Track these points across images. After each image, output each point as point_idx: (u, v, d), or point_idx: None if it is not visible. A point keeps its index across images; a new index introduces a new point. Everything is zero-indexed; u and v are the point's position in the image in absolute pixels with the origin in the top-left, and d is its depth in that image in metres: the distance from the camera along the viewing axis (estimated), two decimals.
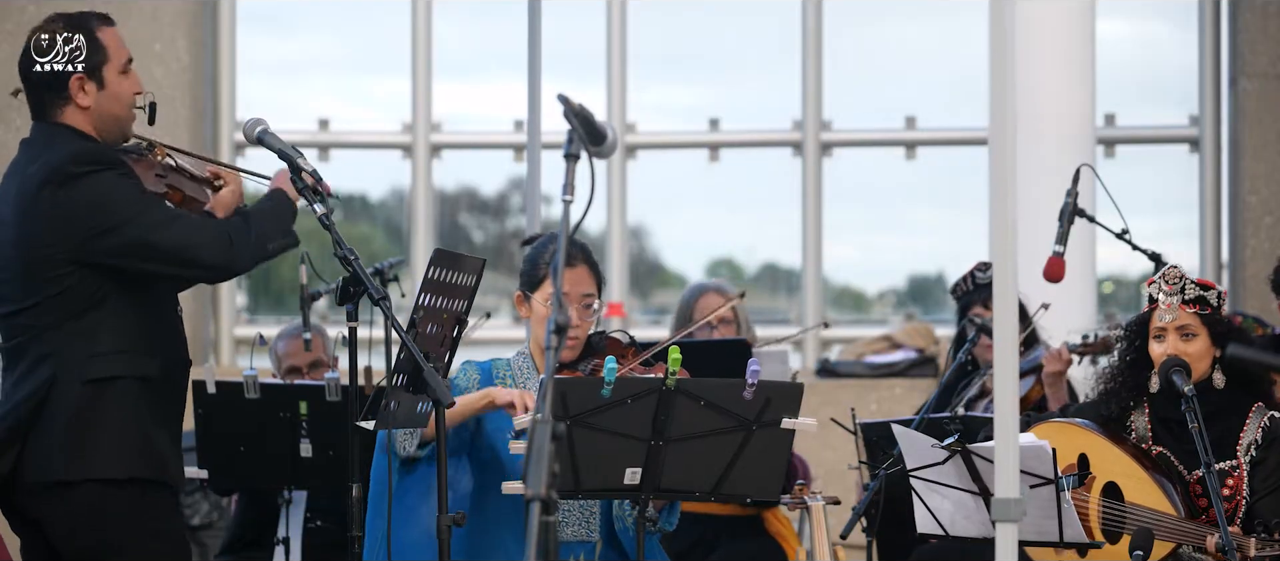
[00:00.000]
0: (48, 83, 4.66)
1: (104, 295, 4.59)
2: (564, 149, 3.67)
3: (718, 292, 6.96)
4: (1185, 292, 5.36)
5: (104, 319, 4.60)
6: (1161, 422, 5.41)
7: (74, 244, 4.55)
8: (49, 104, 4.68)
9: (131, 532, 4.61)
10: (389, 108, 10.09)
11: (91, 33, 4.67)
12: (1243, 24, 9.35)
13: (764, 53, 10.16)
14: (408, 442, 4.94)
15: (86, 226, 4.54)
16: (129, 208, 4.55)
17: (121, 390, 4.60)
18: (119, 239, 4.54)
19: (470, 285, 4.79)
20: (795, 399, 4.77)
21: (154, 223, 4.56)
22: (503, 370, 5.18)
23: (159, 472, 4.65)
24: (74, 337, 4.58)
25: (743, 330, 6.89)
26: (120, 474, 4.58)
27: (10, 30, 8.94)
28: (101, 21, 4.72)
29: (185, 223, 4.61)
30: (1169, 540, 5.21)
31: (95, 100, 4.66)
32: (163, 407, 4.69)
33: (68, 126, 4.66)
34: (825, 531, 5.48)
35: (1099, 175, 6.69)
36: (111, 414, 4.58)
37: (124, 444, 4.59)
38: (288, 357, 6.72)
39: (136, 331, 4.63)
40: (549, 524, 3.23)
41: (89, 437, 4.57)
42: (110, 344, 4.60)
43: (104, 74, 4.67)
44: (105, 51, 4.68)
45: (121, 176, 4.59)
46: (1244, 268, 9.29)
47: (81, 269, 4.57)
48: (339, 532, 5.24)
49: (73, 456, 4.56)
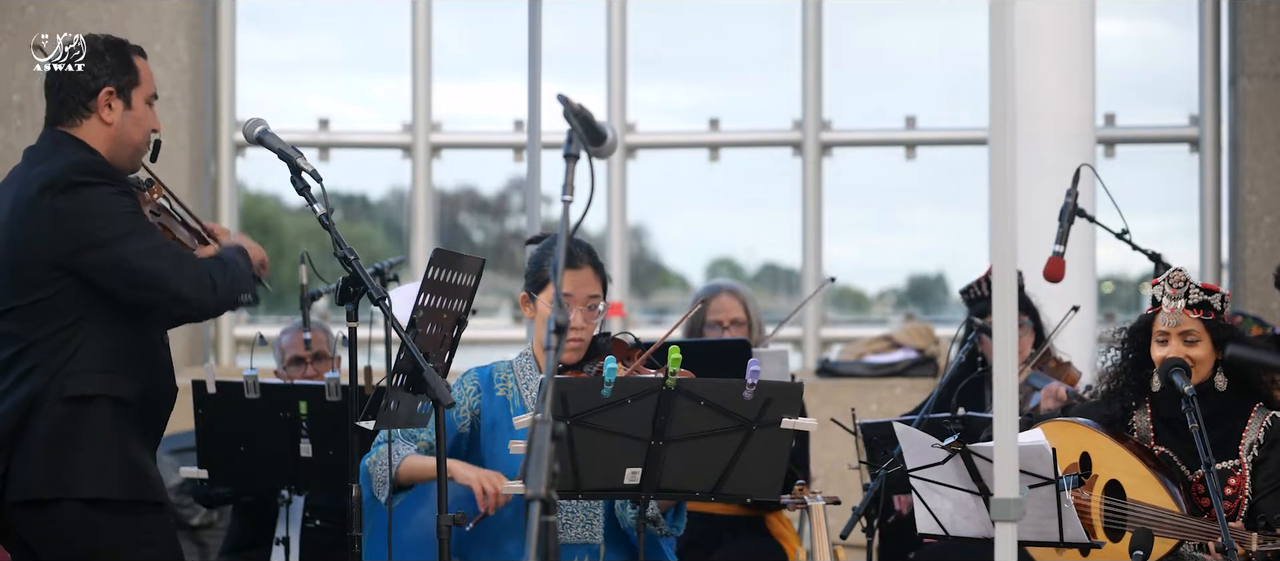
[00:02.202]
0: (74, 88, 4.65)
1: (89, 312, 4.57)
2: (564, 149, 3.67)
3: (732, 293, 6.97)
4: (1189, 297, 5.36)
5: (88, 337, 4.57)
6: (1164, 422, 5.41)
7: (63, 251, 4.54)
8: (71, 110, 4.66)
9: (117, 542, 4.59)
10: (389, 108, 10.09)
11: (128, 56, 4.70)
12: (1243, 24, 9.35)
13: (764, 53, 10.17)
14: (381, 491, 4.96)
15: (76, 235, 4.53)
16: (120, 225, 4.53)
17: (99, 409, 4.57)
18: (104, 255, 4.53)
19: (470, 285, 4.79)
20: (795, 399, 4.78)
21: (141, 248, 4.54)
22: (505, 373, 5.18)
23: (139, 492, 4.62)
24: (57, 351, 4.56)
25: (755, 332, 6.89)
26: (99, 493, 4.56)
27: (10, 30, 8.93)
28: (138, 51, 4.76)
29: (171, 253, 4.58)
30: (1172, 537, 5.22)
31: (119, 119, 4.66)
32: (140, 429, 4.66)
33: (78, 139, 4.65)
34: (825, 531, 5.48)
35: (1099, 175, 6.69)
36: (89, 433, 4.56)
37: (102, 463, 4.56)
38: (290, 349, 6.74)
39: (117, 354, 4.60)
40: (549, 524, 3.23)
41: (67, 456, 4.55)
42: (90, 362, 4.57)
43: (133, 97, 4.68)
44: (138, 75, 4.70)
45: (119, 193, 4.58)
46: (1244, 267, 9.29)
47: (68, 277, 4.55)
48: (339, 532, 5.23)
49: (51, 474, 4.55)
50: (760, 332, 7.01)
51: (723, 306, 6.88)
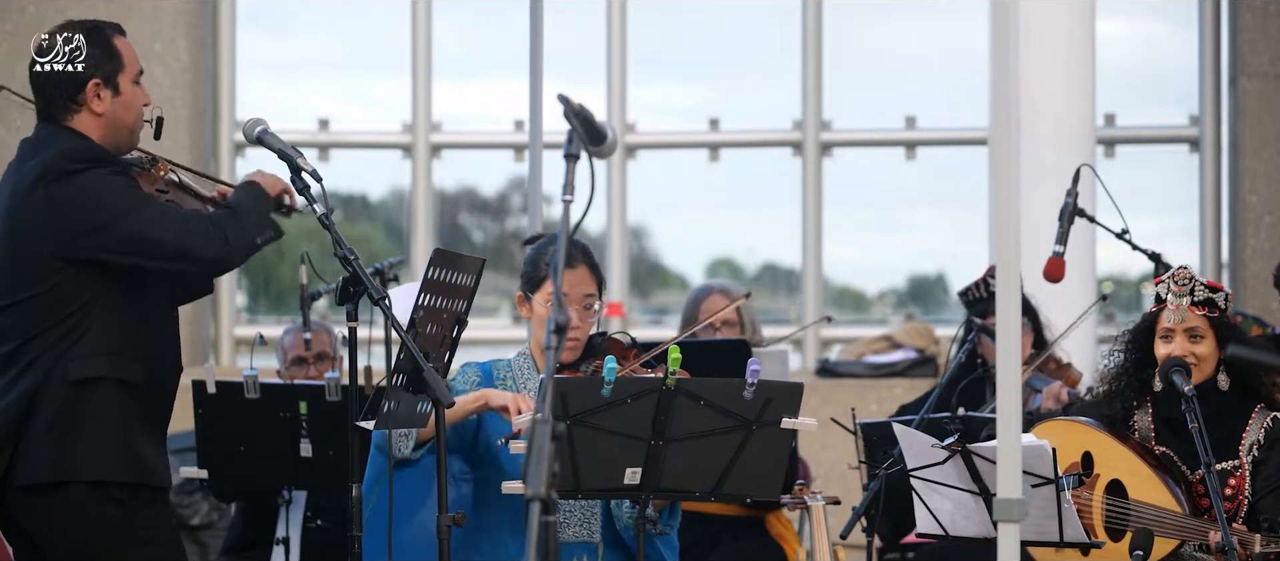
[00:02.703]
0: (60, 85, 4.65)
1: (92, 297, 4.57)
2: (564, 149, 3.66)
3: (723, 294, 6.96)
4: (1194, 294, 5.35)
5: (91, 321, 4.57)
6: (1164, 422, 5.41)
7: (64, 240, 4.54)
8: (61, 107, 4.67)
9: (119, 537, 4.58)
10: (389, 108, 10.09)
11: (108, 41, 4.69)
12: (1243, 24, 9.35)
13: (764, 53, 10.17)
14: (403, 444, 4.94)
15: (79, 222, 4.53)
16: (122, 202, 4.54)
17: (104, 392, 4.57)
18: (113, 234, 4.53)
19: (470, 285, 4.79)
20: (795, 398, 4.77)
21: (148, 218, 4.54)
22: (503, 371, 5.18)
23: (142, 476, 4.61)
24: (61, 340, 4.56)
25: (748, 332, 6.88)
26: (102, 476, 4.55)
27: (10, 30, 8.93)
28: (116, 31, 4.74)
29: (178, 217, 4.58)
30: (1173, 537, 5.22)
31: (109, 107, 4.66)
32: (147, 412, 4.66)
33: (71, 129, 4.65)
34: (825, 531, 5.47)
35: (1099, 175, 6.69)
36: (93, 416, 4.56)
37: (105, 446, 4.56)
38: (292, 349, 6.74)
39: (122, 335, 4.61)
40: (549, 524, 3.23)
41: (71, 439, 4.55)
42: (94, 345, 4.57)
43: (119, 82, 4.68)
44: (121, 59, 4.69)
45: (113, 173, 4.58)
46: (1244, 267, 9.29)
47: (70, 267, 4.55)
48: (339, 532, 5.23)
49: (56, 458, 4.54)
50: (755, 333, 7.00)
51: (713, 307, 6.86)
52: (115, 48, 4.69)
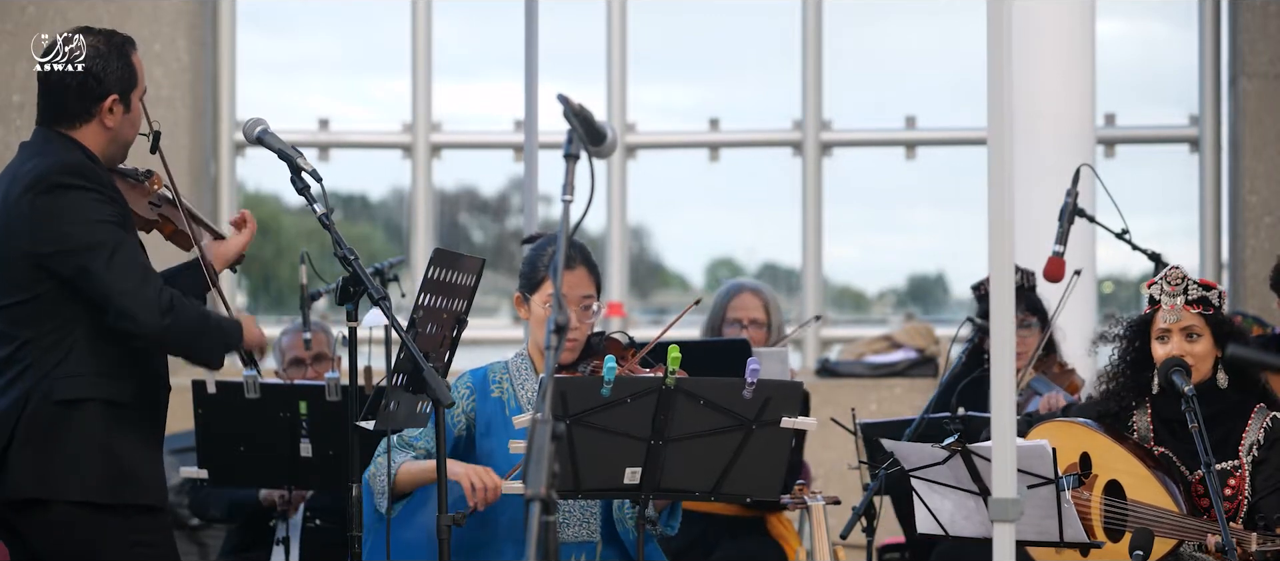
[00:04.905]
0: (79, 94, 4.61)
1: (80, 314, 4.54)
2: (564, 149, 3.67)
3: (753, 292, 6.95)
4: (1188, 293, 5.36)
5: (78, 338, 4.54)
6: (1163, 423, 5.41)
7: (42, 253, 4.51)
8: (71, 114, 4.63)
9: (113, 550, 4.57)
10: (389, 108, 10.09)
11: (128, 57, 4.66)
12: (1243, 24, 9.35)
13: (764, 53, 10.17)
14: (381, 502, 4.95)
15: (51, 237, 4.50)
16: (93, 234, 4.49)
17: (89, 413, 4.54)
18: (71, 261, 4.49)
19: (470, 285, 4.79)
20: (795, 398, 4.78)
21: (106, 259, 4.48)
22: (500, 374, 5.17)
23: (129, 496, 4.59)
24: (50, 351, 4.54)
25: (774, 335, 6.87)
26: (81, 496, 4.53)
27: (10, 30, 8.94)
28: (132, 46, 4.71)
29: (134, 271, 4.51)
30: (1172, 537, 5.22)
31: (118, 122, 4.65)
32: (137, 430, 4.62)
33: (70, 139, 4.62)
34: (825, 531, 5.48)
35: (1099, 175, 6.70)
36: (75, 436, 4.53)
37: (84, 467, 4.53)
38: (291, 350, 6.74)
39: (108, 354, 4.56)
40: (549, 524, 3.23)
41: (56, 459, 4.52)
42: (80, 365, 4.54)
43: (131, 99, 4.66)
44: (136, 77, 4.68)
45: (101, 200, 4.54)
46: (1244, 267, 9.29)
47: (50, 279, 4.52)
48: (339, 532, 5.24)
49: (42, 477, 4.53)
50: (779, 335, 6.98)
51: (743, 305, 6.87)
52: (134, 64, 4.68)
